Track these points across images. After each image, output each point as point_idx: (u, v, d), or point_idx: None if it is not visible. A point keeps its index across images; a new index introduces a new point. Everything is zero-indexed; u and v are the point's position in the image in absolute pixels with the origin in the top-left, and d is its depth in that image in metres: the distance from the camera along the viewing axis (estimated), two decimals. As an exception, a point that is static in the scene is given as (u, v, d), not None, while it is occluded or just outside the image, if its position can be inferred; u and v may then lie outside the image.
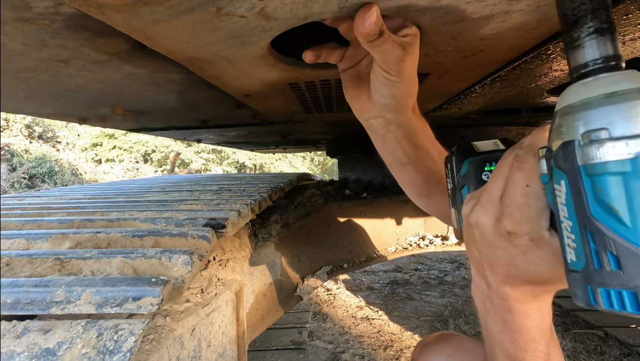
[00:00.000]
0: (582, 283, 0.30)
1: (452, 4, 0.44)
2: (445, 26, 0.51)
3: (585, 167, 0.29)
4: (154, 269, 0.59)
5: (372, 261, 1.88)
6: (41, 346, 0.44)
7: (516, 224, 0.37)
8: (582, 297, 0.30)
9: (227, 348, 0.83)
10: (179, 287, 0.56)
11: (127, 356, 0.43)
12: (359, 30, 0.43)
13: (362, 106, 0.58)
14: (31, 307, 0.48)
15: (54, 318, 0.48)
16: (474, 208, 0.41)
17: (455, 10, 0.46)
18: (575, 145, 0.30)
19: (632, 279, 0.27)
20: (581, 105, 0.30)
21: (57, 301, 0.48)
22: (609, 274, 0.28)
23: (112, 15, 0.39)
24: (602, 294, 0.29)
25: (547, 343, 0.44)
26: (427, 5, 0.44)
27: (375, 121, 0.59)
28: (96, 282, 0.51)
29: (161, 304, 0.50)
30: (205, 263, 0.87)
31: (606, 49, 0.31)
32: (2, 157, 8.28)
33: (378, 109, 0.57)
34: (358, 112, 0.60)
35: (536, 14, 0.49)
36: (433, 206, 0.71)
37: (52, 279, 0.52)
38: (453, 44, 0.59)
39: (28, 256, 0.60)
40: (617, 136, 0.28)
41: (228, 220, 0.81)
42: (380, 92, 0.54)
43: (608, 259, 0.28)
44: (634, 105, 0.28)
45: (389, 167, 0.68)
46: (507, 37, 0.57)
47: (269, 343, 2.23)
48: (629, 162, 0.27)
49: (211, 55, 0.54)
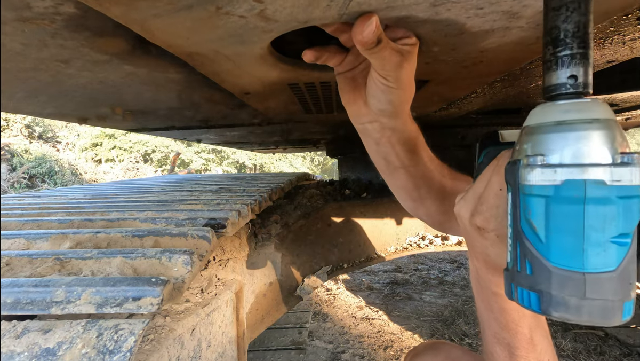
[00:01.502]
0: (509, 280, 0.36)
1: (452, 17, 0.44)
2: (445, 38, 0.51)
3: (522, 186, 0.33)
4: (154, 269, 0.59)
5: (372, 261, 1.88)
6: (41, 346, 0.44)
7: (485, 221, 0.42)
8: (507, 291, 0.37)
9: (227, 348, 0.83)
10: (179, 287, 0.56)
11: (127, 356, 0.43)
12: (357, 39, 0.43)
13: (358, 110, 0.58)
14: (31, 307, 0.48)
15: (54, 318, 0.48)
16: (460, 200, 0.45)
17: (456, 24, 0.46)
18: (520, 165, 0.33)
19: (538, 284, 0.33)
20: (535, 128, 0.34)
21: (57, 301, 0.48)
22: (524, 277, 0.34)
23: (111, 7, 0.39)
24: (518, 292, 0.35)
25: (530, 327, 0.48)
26: (427, 18, 0.44)
27: (371, 125, 0.59)
28: (96, 282, 0.51)
29: (161, 304, 0.50)
30: (205, 263, 0.87)
31: (575, 74, 0.32)
32: (2, 157, 8.28)
33: (374, 113, 0.57)
34: (353, 116, 0.60)
35: (535, 31, 0.50)
36: (422, 211, 0.71)
37: (52, 279, 0.52)
38: (453, 54, 0.59)
39: (28, 256, 0.60)
40: (550, 163, 0.31)
41: (228, 220, 0.81)
42: (378, 97, 0.54)
43: (526, 265, 0.34)
44: (575, 136, 0.31)
45: (381, 172, 0.69)
46: (507, 50, 0.57)
47: (269, 343, 2.23)
48: (552, 188, 0.31)
49: (211, 51, 0.54)
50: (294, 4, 0.39)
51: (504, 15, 0.44)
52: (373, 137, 0.61)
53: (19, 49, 0.58)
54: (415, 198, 0.69)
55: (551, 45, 0.33)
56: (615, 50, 0.76)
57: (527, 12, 0.43)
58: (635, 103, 1.41)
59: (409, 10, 0.42)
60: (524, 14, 0.44)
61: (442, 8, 0.42)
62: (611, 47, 0.75)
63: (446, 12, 0.43)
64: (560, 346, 2.16)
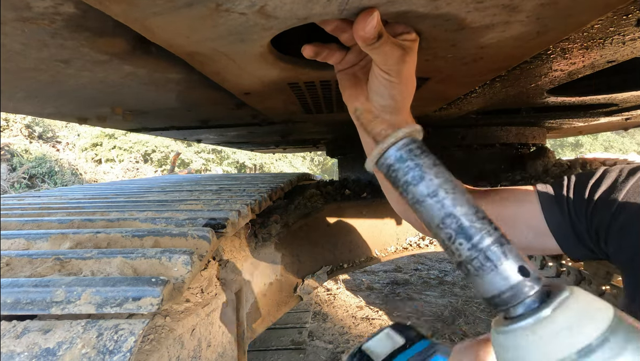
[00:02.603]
0: None
1: (452, 12, 0.44)
2: (445, 33, 0.51)
3: None
4: (154, 269, 0.59)
5: (372, 261, 1.88)
6: (41, 346, 0.44)
7: None
8: None
9: (227, 348, 0.83)
10: (179, 287, 0.56)
11: (127, 356, 0.43)
12: (358, 34, 0.43)
13: (360, 105, 0.58)
14: (31, 307, 0.48)
15: (54, 318, 0.48)
16: None
17: (456, 19, 0.46)
18: None
19: None
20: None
21: (57, 301, 0.48)
22: None
23: (111, 5, 0.39)
24: None
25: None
26: (427, 13, 0.44)
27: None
28: (96, 282, 0.51)
29: (161, 304, 0.50)
30: (205, 263, 0.87)
31: (522, 265, 0.25)
32: (2, 157, 8.28)
33: (376, 110, 0.57)
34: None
35: (536, 25, 0.49)
36: (412, 216, 0.70)
37: (52, 280, 0.52)
38: (453, 50, 0.59)
39: (28, 256, 0.60)
40: None
41: (228, 220, 0.81)
42: (380, 93, 0.54)
43: None
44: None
45: (374, 172, 0.68)
46: (507, 46, 0.57)
47: (269, 343, 2.23)
48: None
49: (211, 50, 0.54)
50: (294, 2, 0.39)
51: (504, 9, 0.44)
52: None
53: (19, 49, 0.58)
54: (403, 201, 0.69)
55: (462, 239, 0.26)
56: (615, 50, 0.76)
57: (527, 5, 0.43)
58: (635, 103, 1.41)
59: (409, 4, 0.42)
60: (524, 8, 0.44)
61: (442, 2, 0.41)
62: (611, 47, 0.75)
63: (446, 7, 0.43)
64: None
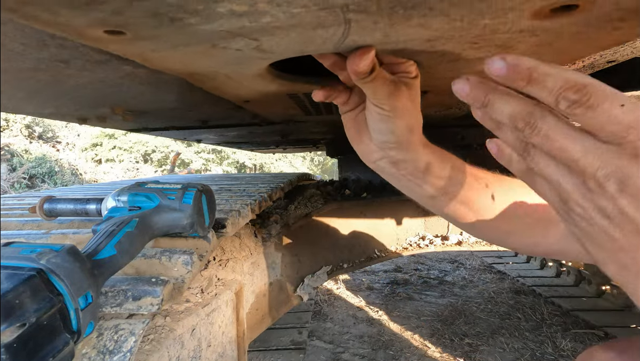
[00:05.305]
0: None
1: (448, 49, 0.46)
2: (441, 64, 0.54)
3: None
4: (153, 269, 0.59)
5: (372, 261, 1.88)
6: (41, 346, 0.44)
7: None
8: None
9: (227, 348, 0.83)
10: (179, 287, 0.56)
11: (127, 356, 0.43)
12: (352, 69, 0.43)
13: (366, 147, 0.57)
14: (31, 307, 0.48)
15: (54, 318, 0.48)
16: None
17: (452, 54, 0.48)
18: None
19: None
20: None
21: (57, 301, 0.48)
22: None
23: (109, 45, 0.41)
24: None
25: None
26: (423, 50, 0.46)
27: (382, 162, 0.58)
28: (96, 282, 0.51)
29: (161, 304, 0.50)
30: (205, 263, 0.87)
31: None
32: (2, 157, 8.28)
33: (380, 148, 0.56)
34: (363, 155, 0.59)
35: (532, 57, 0.51)
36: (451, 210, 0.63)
37: (52, 279, 0.52)
38: (450, 73, 0.61)
39: (28, 256, 0.60)
40: None
41: (228, 220, 0.81)
42: (377, 127, 0.53)
43: None
44: None
45: (424, 205, 0.63)
46: None
47: (269, 343, 2.23)
48: None
49: (210, 71, 0.56)
50: (289, 42, 0.40)
51: (498, 48, 0.46)
52: (391, 174, 0.59)
53: (19, 49, 0.58)
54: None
55: None
56: (615, 50, 0.76)
57: (521, 46, 0.45)
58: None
59: (405, 44, 0.43)
60: (519, 47, 0.46)
61: (437, 43, 0.43)
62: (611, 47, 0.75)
63: (441, 46, 0.45)
64: (560, 346, 2.16)
